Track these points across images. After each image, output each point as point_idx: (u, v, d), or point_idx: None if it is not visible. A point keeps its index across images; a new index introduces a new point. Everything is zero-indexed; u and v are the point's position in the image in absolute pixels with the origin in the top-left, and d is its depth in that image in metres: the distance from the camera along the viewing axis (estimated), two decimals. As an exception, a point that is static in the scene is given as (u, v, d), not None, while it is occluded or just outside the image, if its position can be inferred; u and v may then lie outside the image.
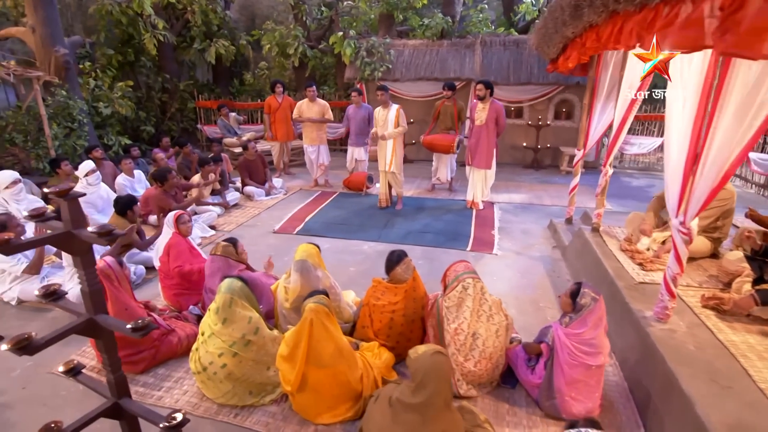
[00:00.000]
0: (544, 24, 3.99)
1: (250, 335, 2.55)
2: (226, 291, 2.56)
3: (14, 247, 1.58)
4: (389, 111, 5.61)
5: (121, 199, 4.30)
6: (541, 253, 4.79)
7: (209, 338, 2.54)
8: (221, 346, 2.50)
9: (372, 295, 2.99)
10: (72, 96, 6.29)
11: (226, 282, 2.62)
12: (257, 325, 2.60)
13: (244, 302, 2.62)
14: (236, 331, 2.52)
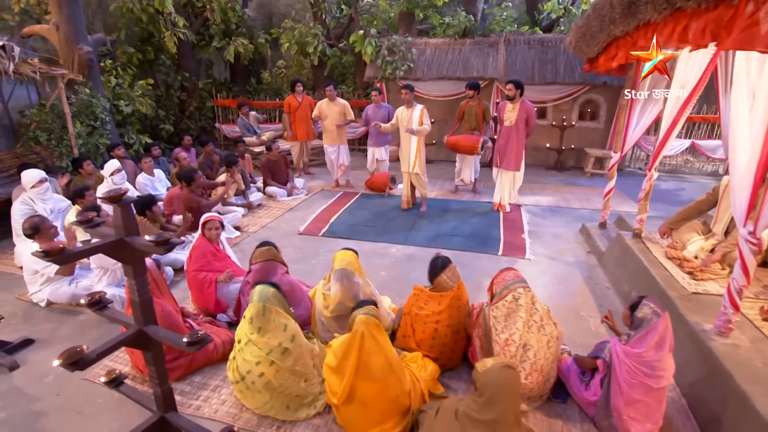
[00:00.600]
0: (586, 22, 3.84)
1: (287, 343, 2.46)
2: (258, 299, 2.47)
3: (68, 257, 1.49)
4: (413, 110, 5.49)
5: (141, 199, 4.22)
6: (575, 258, 4.64)
7: (246, 346, 2.44)
8: (258, 354, 2.40)
9: (414, 304, 2.88)
10: (95, 94, 6.25)
11: (258, 289, 2.53)
12: (293, 332, 2.51)
13: (278, 309, 2.53)
14: (273, 339, 2.43)
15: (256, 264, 3.05)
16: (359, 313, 2.26)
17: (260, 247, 3.11)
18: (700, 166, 8.13)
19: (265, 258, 3.04)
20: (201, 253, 3.40)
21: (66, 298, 3.61)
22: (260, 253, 3.06)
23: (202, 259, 3.38)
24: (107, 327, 3.39)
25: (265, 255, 3.06)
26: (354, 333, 2.21)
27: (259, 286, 2.54)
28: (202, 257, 3.39)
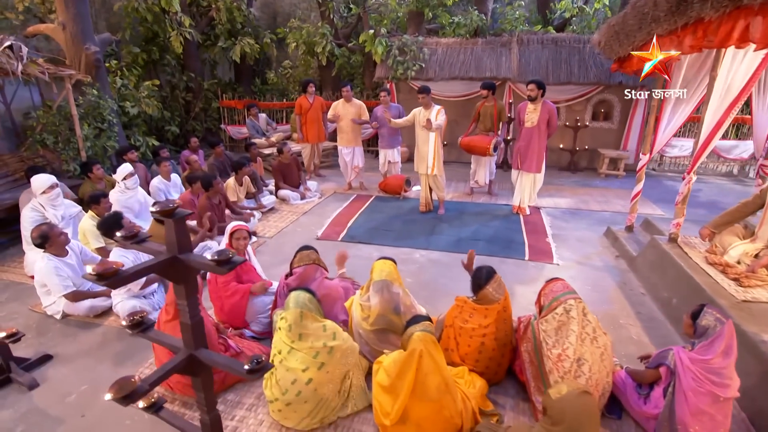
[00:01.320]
0: (622, 20, 3.72)
1: (330, 341, 2.34)
2: (295, 305, 2.35)
3: (122, 280, 1.34)
4: (431, 112, 5.36)
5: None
6: (604, 262, 4.52)
7: (289, 355, 2.30)
8: (305, 360, 2.27)
9: (458, 316, 2.74)
10: (102, 95, 6.07)
11: (294, 296, 2.40)
12: (333, 330, 2.41)
13: (314, 314, 2.40)
14: (316, 341, 2.31)
15: (297, 268, 2.90)
16: (416, 330, 2.12)
17: (301, 251, 2.97)
18: (715, 167, 8.05)
19: (306, 262, 2.90)
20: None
21: (83, 310, 3.44)
22: (301, 257, 2.92)
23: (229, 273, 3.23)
24: (129, 341, 3.23)
25: (306, 259, 2.92)
26: (412, 352, 2.07)
27: (294, 292, 2.41)
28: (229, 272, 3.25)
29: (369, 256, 4.64)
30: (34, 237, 3.33)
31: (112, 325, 3.43)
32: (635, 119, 7.70)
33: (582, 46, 7.61)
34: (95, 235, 4.07)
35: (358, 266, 4.41)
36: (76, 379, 2.85)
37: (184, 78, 9.09)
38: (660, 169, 8.32)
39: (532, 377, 2.54)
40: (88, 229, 4.04)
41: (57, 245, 3.42)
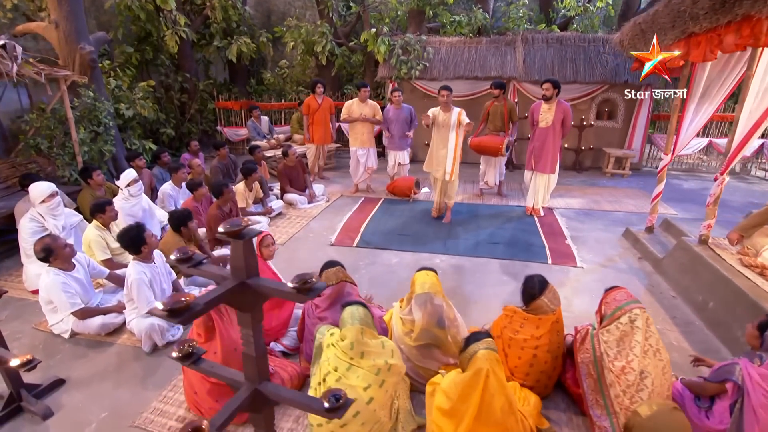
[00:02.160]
0: (651, 18, 3.63)
1: (390, 359, 2.19)
2: (352, 321, 2.17)
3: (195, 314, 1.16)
4: (451, 114, 5.09)
5: (176, 213, 3.83)
6: (627, 265, 4.44)
7: (349, 371, 2.12)
8: (367, 377, 2.10)
9: (507, 327, 2.61)
10: (98, 97, 5.78)
11: (350, 311, 2.23)
12: (391, 347, 2.26)
13: (372, 330, 2.24)
14: (378, 359, 2.15)
15: (328, 288, 2.72)
16: (479, 348, 1.97)
17: (327, 269, 2.78)
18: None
19: (334, 281, 2.72)
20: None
21: (94, 328, 3.20)
22: (328, 276, 2.73)
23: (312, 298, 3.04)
24: (146, 360, 3.02)
25: (334, 277, 2.73)
26: (477, 372, 1.92)
27: (350, 307, 2.24)
28: None
29: (388, 263, 4.49)
30: (37, 250, 3.08)
31: (126, 343, 3.21)
32: (640, 118, 7.69)
33: (587, 44, 7.57)
34: (101, 246, 3.84)
35: (377, 273, 4.26)
36: (93, 405, 2.63)
37: (179, 78, 8.78)
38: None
39: (590, 390, 2.42)
40: (93, 239, 3.80)
41: (62, 258, 3.18)
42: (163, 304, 1.11)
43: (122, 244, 3.11)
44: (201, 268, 1.40)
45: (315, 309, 2.76)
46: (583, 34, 7.74)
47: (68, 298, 3.12)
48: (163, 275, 3.34)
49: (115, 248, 3.97)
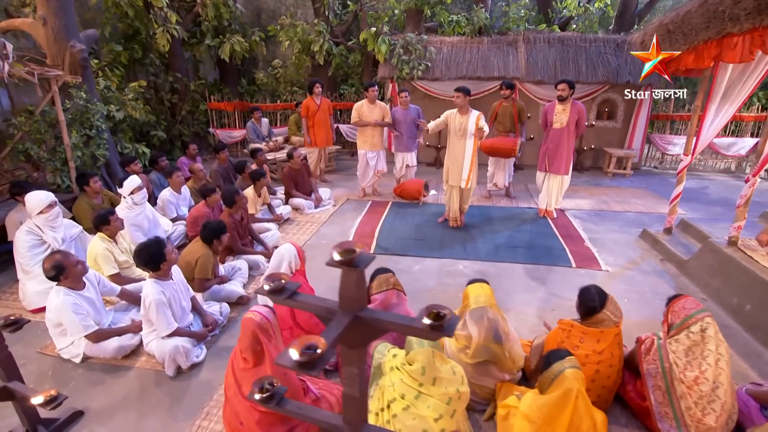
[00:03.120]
0: (681, 19, 3.58)
1: (461, 386, 2.05)
2: (422, 343, 2.01)
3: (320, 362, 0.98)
4: (468, 117, 4.84)
5: (211, 224, 3.55)
6: (651, 267, 4.40)
7: (418, 399, 1.96)
8: (438, 407, 1.95)
9: (564, 341, 2.49)
10: (90, 99, 5.43)
11: None
12: (462, 373, 2.11)
13: (441, 353, 2.09)
14: (450, 386, 2.00)
15: (377, 294, 2.55)
16: (565, 366, 1.84)
17: (378, 275, 2.61)
18: (713, 164, 8.24)
19: (386, 287, 2.55)
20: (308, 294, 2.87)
21: (111, 351, 2.94)
22: (380, 282, 2.56)
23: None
24: (171, 385, 2.78)
25: (386, 284, 2.57)
26: (566, 393, 1.79)
27: None
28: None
29: (409, 270, 4.34)
30: (47, 268, 2.80)
31: (145, 366, 2.96)
32: (640, 118, 7.76)
33: (588, 45, 7.58)
34: (109, 261, 3.56)
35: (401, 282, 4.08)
36: None
37: (170, 79, 8.41)
38: (662, 167, 8.44)
39: (658, 403, 2.32)
40: (100, 253, 3.52)
41: (74, 277, 2.90)
42: (298, 352, 0.92)
43: (140, 261, 2.85)
44: (297, 299, 1.21)
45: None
46: (584, 35, 7.75)
47: (80, 320, 2.85)
48: (182, 291, 3.10)
49: (122, 261, 3.70)
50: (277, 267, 2.78)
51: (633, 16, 8.65)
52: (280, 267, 2.78)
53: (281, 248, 2.82)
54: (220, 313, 3.38)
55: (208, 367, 2.95)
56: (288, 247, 2.85)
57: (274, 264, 2.78)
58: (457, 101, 4.90)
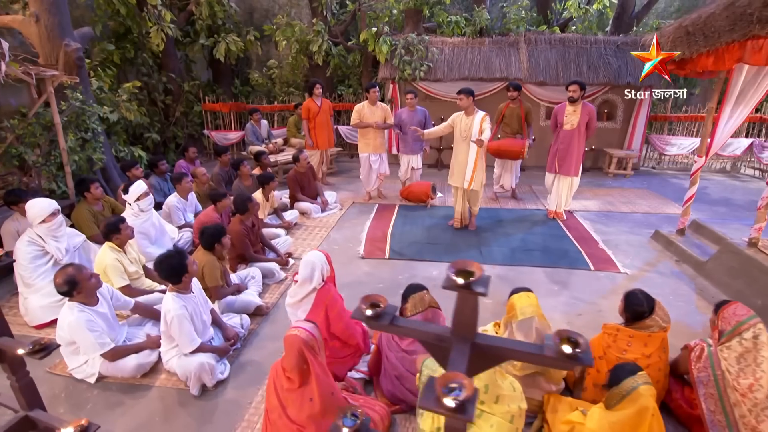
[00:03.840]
0: (703, 21, 3.57)
1: (522, 402, 1.96)
2: None
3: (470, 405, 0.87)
4: (474, 118, 4.81)
5: (208, 229, 3.39)
6: (668, 269, 4.40)
7: (479, 419, 1.87)
8: (502, 427, 1.86)
9: (611, 345, 2.43)
10: (86, 100, 5.18)
11: None
12: (520, 389, 2.02)
13: (501, 369, 2.00)
14: (512, 403, 1.91)
15: (414, 317, 2.43)
16: (638, 382, 1.76)
17: (413, 293, 2.48)
18: (710, 164, 8.38)
19: (422, 308, 2.44)
20: (342, 306, 2.76)
21: (129, 370, 2.76)
22: (414, 303, 2.44)
23: (346, 314, 2.74)
24: (196, 406, 2.63)
25: (421, 304, 2.45)
26: (642, 410, 1.72)
27: None
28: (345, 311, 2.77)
29: (428, 275, 4.24)
30: (59, 284, 2.61)
31: (166, 385, 2.79)
32: (639, 119, 7.82)
33: (589, 46, 7.61)
34: (119, 272, 3.37)
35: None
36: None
37: (163, 79, 8.14)
38: (660, 167, 8.54)
39: (710, 411, 2.27)
40: (110, 264, 3.32)
41: (87, 291, 2.72)
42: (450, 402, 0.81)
43: (161, 273, 2.68)
44: (400, 325, 1.10)
45: (400, 341, 2.46)
46: (585, 36, 7.78)
47: (96, 337, 2.67)
48: (202, 305, 2.94)
49: (132, 272, 3.51)
50: (309, 276, 2.64)
51: (630, 17, 8.74)
52: (312, 276, 2.65)
53: (310, 256, 2.68)
54: (240, 326, 3.22)
55: (233, 384, 2.80)
56: (318, 255, 2.71)
57: (306, 273, 2.64)
58: (460, 104, 4.85)
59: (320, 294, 2.66)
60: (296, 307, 2.69)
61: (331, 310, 2.65)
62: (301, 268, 2.67)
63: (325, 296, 2.66)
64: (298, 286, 2.68)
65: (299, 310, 2.68)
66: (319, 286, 2.67)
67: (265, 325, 3.44)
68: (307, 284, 2.64)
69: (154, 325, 3.17)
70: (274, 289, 3.97)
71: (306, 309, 2.66)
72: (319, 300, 2.64)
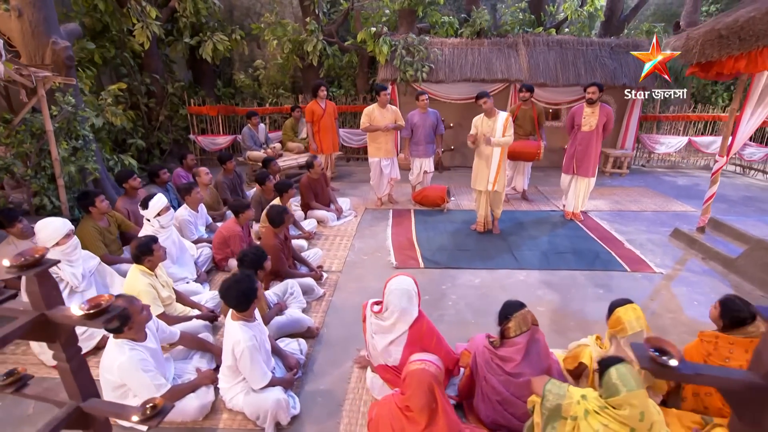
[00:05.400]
0: (741, 24, 3.64)
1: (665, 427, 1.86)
2: (630, 383, 1.80)
3: None
4: (497, 119, 4.77)
5: (248, 256, 3.01)
6: (698, 267, 4.49)
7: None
8: None
9: (712, 353, 2.37)
10: (78, 104, 4.65)
11: (623, 369, 1.83)
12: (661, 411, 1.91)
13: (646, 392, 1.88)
14: (663, 429, 1.81)
15: (518, 338, 2.27)
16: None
17: (514, 312, 2.32)
18: (695, 161, 8.78)
19: (526, 328, 2.29)
20: (440, 336, 2.55)
21: (192, 413, 2.44)
22: (518, 323, 2.28)
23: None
24: (276, 448, 2.34)
25: (526, 323, 2.30)
26: None
27: (622, 366, 1.82)
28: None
29: (470, 284, 4.11)
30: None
31: (232, 426, 2.48)
32: (632, 119, 8.05)
33: (585, 48, 7.75)
34: (153, 298, 3.00)
35: (470, 298, 3.87)
36: None
37: (146, 80, 7.54)
38: (649, 165, 8.85)
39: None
40: (144, 291, 2.95)
41: (138, 326, 2.38)
42: None
43: (229, 301, 2.38)
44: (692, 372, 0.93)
45: (503, 363, 2.29)
46: (580, 38, 7.92)
47: (152, 378, 2.32)
48: (264, 332, 2.65)
49: (165, 298, 3.14)
50: (407, 306, 2.41)
51: (620, 20, 9.01)
52: (410, 305, 2.42)
53: (404, 284, 2.43)
54: (300, 351, 2.94)
55: (308, 418, 2.53)
56: (410, 282, 2.47)
57: (404, 303, 2.39)
58: (486, 107, 4.79)
59: (416, 323, 2.43)
60: (393, 345, 2.44)
61: (428, 339, 2.43)
62: (392, 298, 2.42)
63: (421, 325, 2.45)
64: (393, 320, 2.41)
65: (393, 345, 2.44)
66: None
67: (319, 348, 3.17)
68: (406, 316, 2.40)
69: (202, 357, 2.84)
70: (316, 306, 3.69)
71: (401, 341, 2.43)
72: (415, 330, 2.42)
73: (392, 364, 2.48)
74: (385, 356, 2.49)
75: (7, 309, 1.48)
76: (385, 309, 2.48)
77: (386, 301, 2.48)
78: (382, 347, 2.46)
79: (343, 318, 3.55)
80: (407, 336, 2.42)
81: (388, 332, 2.45)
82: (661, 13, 11.17)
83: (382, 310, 2.50)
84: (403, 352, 2.42)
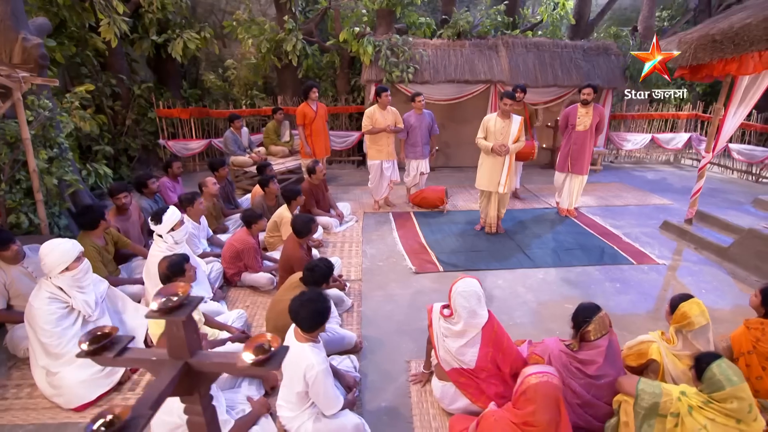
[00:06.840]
0: (736, 30, 3.90)
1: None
2: (733, 378, 1.86)
3: None
4: (511, 122, 4.80)
5: (317, 270, 2.80)
6: (694, 256, 4.78)
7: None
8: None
9: (760, 339, 2.51)
10: (53, 109, 4.14)
11: (724, 365, 1.89)
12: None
13: None
14: (761, 418, 1.87)
15: (599, 341, 2.27)
16: None
17: (591, 315, 2.31)
18: (657, 156, 9.40)
19: (605, 331, 2.30)
20: (500, 329, 2.50)
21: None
22: (597, 327, 2.28)
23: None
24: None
25: (605, 325, 2.31)
26: None
27: (721, 361, 1.89)
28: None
29: (497, 285, 4.15)
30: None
31: (299, 457, 2.28)
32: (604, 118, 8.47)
33: (560, 50, 8.05)
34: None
35: (503, 301, 3.88)
36: None
37: (112, 81, 6.90)
38: (618, 161, 9.37)
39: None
40: (177, 316, 2.64)
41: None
42: None
43: (303, 324, 2.18)
44: None
45: (584, 367, 2.28)
46: (555, 40, 8.22)
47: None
48: (323, 352, 2.47)
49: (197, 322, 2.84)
50: (476, 307, 2.33)
51: (587, 24, 9.46)
52: (480, 306, 2.34)
53: (471, 286, 2.36)
54: (354, 368, 2.78)
55: (380, 442, 2.39)
56: (475, 283, 2.40)
57: (472, 305, 2.32)
58: (509, 108, 4.78)
59: (487, 323, 2.37)
60: (467, 346, 2.35)
61: (498, 344, 2.37)
62: (462, 300, 2.33)
63: (492, 324, 2.38)
64: (462, 324, 2.33)
65: (467, 346, 2.35)
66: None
67: (366, 363, 3.02)
68: (477, 318, 2.32)
69: (250, 384, 2.60)
70: (348, 318, 3.52)
71: (476, 341, 2.35)
72: (487, 330, 2.35)
73: (467, 366, 2.39)
74: (459, 358, 2.40)
75: (130, 360, 1.23)
76: (455, 312, 2.40)
77: (454, 305, 2.40)
78: (456, 349, 2.37)
79: (379, 328, 3.42)
80: (481, 336, 2.35)
81: (460, 336, 2.37)
82: (617, 17, 11.91)
83: (452, 314, 2.42)
84: (479, 353, 2.35)
